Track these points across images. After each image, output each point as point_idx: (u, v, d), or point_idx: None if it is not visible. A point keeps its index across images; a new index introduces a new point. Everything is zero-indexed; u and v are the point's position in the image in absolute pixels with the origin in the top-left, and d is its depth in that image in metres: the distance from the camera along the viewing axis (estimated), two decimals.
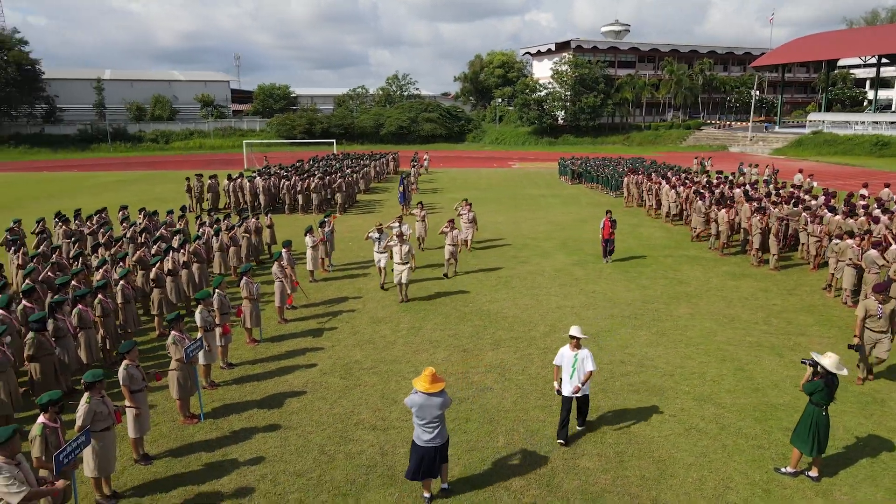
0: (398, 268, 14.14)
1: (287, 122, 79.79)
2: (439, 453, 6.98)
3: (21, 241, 15.45)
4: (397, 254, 14.09)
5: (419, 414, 6.79)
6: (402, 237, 14.22)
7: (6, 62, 69.60)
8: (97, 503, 7.17)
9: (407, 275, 14.17)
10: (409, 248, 14.15)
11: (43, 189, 38.12)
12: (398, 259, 14.08)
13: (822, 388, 7.26)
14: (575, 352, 8.07)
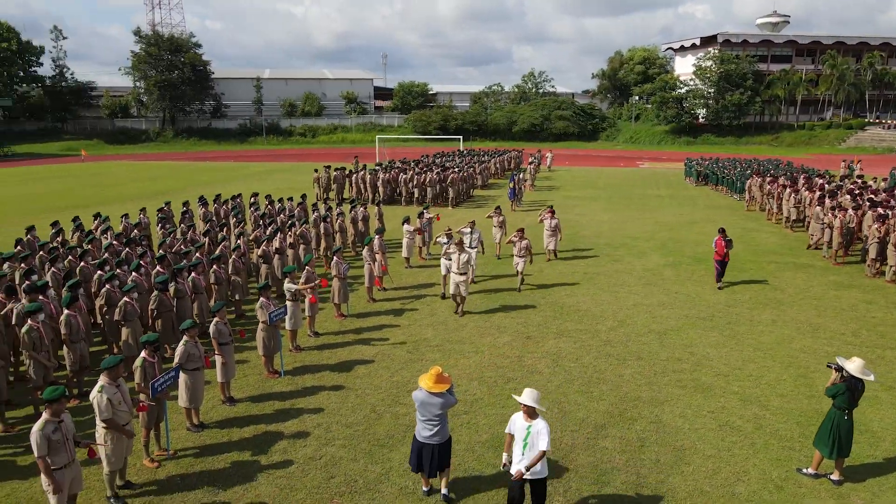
0: (455, 278, 13.26)
1: (423, 119, 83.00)
2: (438, 452, 6.94)
3: (169, 220, 18.24)
4: (455, 262, 13.20)
5: (420, 410, 6.88)
6: (463, 245, 13.48)
7: (182, 63, 78.87)
8: (187, 429, 8.83)
9: (465, 287, 13.36)
10: (468, 257, 13.42)
11: (205, 176, 43.28)
12: (455, 268, 13.21)
13: (843, 392, 7.20)
14: (528, 423, 6.38)
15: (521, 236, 15.20)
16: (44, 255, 13.40)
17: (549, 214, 18.30)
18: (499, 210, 18.63)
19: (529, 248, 15.26)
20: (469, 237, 15.35)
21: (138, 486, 7.52)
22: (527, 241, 15.17)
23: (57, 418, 6.21)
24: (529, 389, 6.43)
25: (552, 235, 18.26)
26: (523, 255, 15.13)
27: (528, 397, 6.34)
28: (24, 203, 31.17)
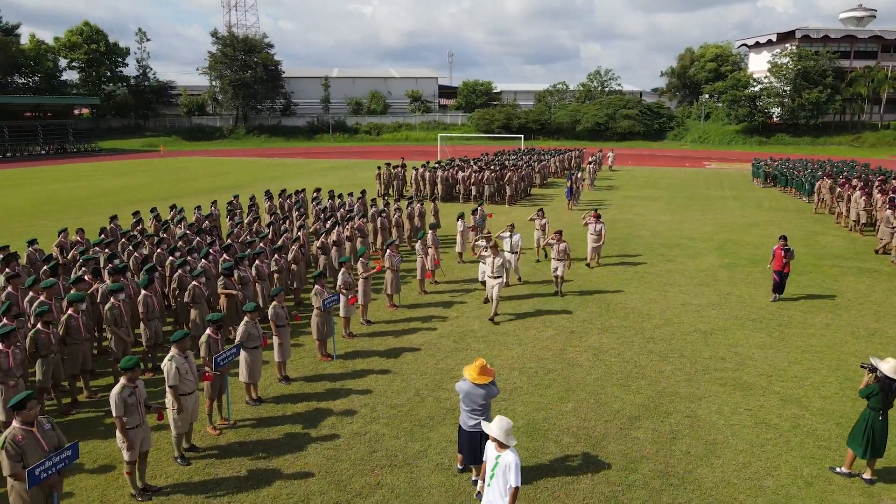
0: (490, 281, 13.02)
1: (486, 117, 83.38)
2: (482, 439, 6.93)
3: (237, 212, 19.40)
4: (489, 265, 13.00)
5: (464, 400, 7.12)
6: (497, 248, 13.18)
7: (255, 63, 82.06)
8: (246, 402, 9.61)
9: (497, 290, 12.96)
10: (503, 261, 13.09)
11: (273, 172, 45.11)
12: (489, 272, 12.99)
13: (877, 393, 7.21)
14: (498, 453, 5.78)
15: (560, 238, 14.77)
16: (125, 241, 14.62)
17: (594, 219, 17.51)
18: (541, 213, 18.14)
19: (568, 252, 14.75)
20: (509, 240, 15.20)
21: (202, 450, 8.31)
22: (565, 244, 14.70)
23: (132, 384, 7.01)
24: (500, 418, 5.85)
25: (596, 241, 17.46)
26: (562, 258, 14.65)
27: (495, 428, 5.75)
28: (109, 195, 33.48)
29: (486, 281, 13.21)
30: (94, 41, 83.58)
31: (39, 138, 72.29)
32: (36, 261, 13.32)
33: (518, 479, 5.64)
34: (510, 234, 15.21)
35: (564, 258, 14.66)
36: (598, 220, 17.49)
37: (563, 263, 14.69)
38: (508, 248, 15.08)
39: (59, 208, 28.83)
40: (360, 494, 7.32)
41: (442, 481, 7.53)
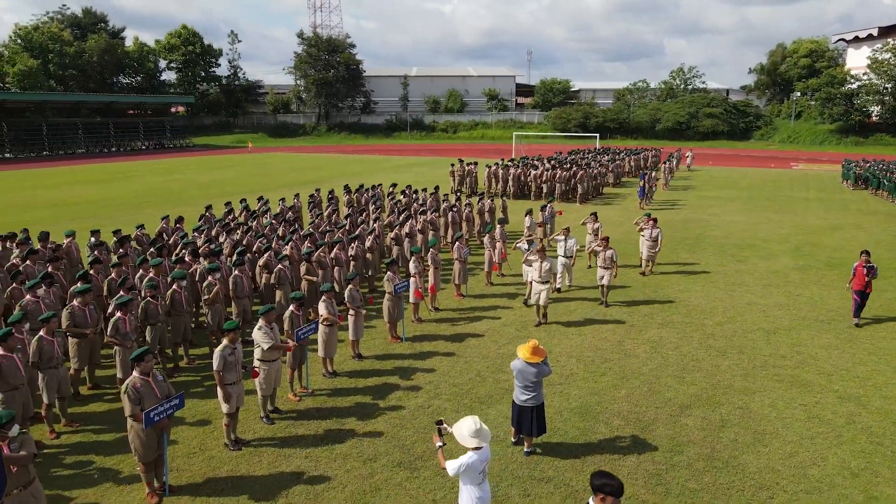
0: (536, 287, 12.69)
1: (563, 116, 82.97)
2: (535, 414, 7.81)
3: (318, 205, 20.69)
4: (536, 271, 12.60)
5: (518, 377, 7.72)
6: (544, 252, 12.76)
7: (338, 63, 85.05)
8: (322, 375, 10.59)
9: (545, 296, 12.64)
10: (550, 265, 12.64)
11: (352, 167, 46.91)
12: (536, 277, 12.61)
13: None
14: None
15: (606, 245, 14.02)
16: (219, 228, 16.06)
17: (651, 223, 16.62)
18: (594, 216, 17.36)
19: (615, 260, 13.98)
20: (563, 244, 14.94)
21: (284, 413, 9.32)
22: (612, 252, 13.95)
23: (233, 345, 8.06)
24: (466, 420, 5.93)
25: (652, 248, 16.57)
26: (608, 266, 13.90)
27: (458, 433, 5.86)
28: (202, 188, 35.99)
29: (533, 285, 12.87)
30: (190, 43, 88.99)
31: (140, 134, 77.77)
32: (144, 243, 14.90)
33: (451, 470, 5.80)
34: (565, 239, 14.96)
35: (611, 266, 13.92)
36: (654, 225, 16.64)
37: (609, 272, 13.95)
38: (562, 252, 14.93)
39: (159, 199, 31.32)
40: (421, 457, 8.09)
41: (496, 451, 8.19)
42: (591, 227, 17.09)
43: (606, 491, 4.51)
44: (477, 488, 5.85)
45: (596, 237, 16.63)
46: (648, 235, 16.52)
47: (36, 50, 76.11)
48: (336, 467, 7.88)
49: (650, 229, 16.54)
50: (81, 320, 9.67)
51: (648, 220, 16.76)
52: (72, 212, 27.25)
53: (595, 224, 17.10)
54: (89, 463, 8.05)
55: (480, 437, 5.78)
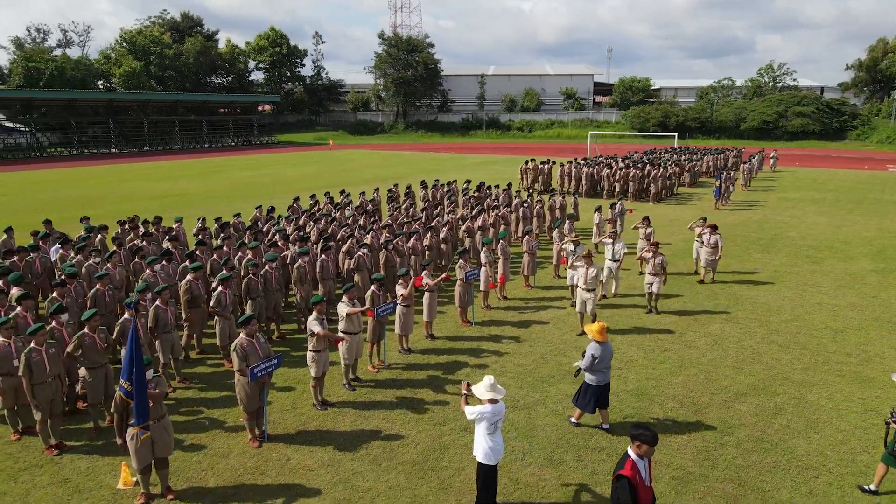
0: (583, 294, 12.16)
1: (642, 115, 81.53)
2: (607, 391, 8.70)
3: (395, 198, 21.88)
4: (582, 277, 12.13)
5: (601, 358, 8.39)
6: (591, 258, 12.36)
7: (416, 62, 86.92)
8: (398, 351, 11.60)
9: (592, 305, 12.16)
10: (597, 271, 12.18)
11: (429, 164, 48.22)
12: (583, 284, 12.11)
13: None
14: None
15: (656, 252, 13.49)
16: (306, 217, 17.44)
17: (709, 229, 15.82)
18: (646, 221, 16.54)
19: (665, 266, 13.48)
20: (611, 248, 14.61)
21: (363, 382, 10.38)
22: (662, 258, 13.45)
23: (321, 316, 9.16)
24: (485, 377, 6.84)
25: (712, 254, 15.73)
26: (657, 272, 13.37)
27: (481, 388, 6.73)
28: (288, 182, 38.16)
29: (578, 292, 12.38)
30: (277, 44, 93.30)
31: (230, 131, 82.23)
32: (240, 229, 16.44)
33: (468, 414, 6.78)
34: (613, 242, 14.60)
35: (660, 273, 13.38)
36: (713, 231, 15.79)
37: (658, 279, 13.39)
38: (609, 255, 14.64)
39: (250, 192, 33.56)
40: None
41: (553, 422, 8.92)
42: (643, 231, 16.43)
43: (642, 439, 5.21)
44: (489, 437, 6.73)
45: (648, 242, 15.58)
46: (707, 241, 15.78)
47: (139, 52, 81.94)
48: (409, 428, 8.84)
49: (708, 235, 15.79)
50: (196, 292, 11.08)
51: (705, 224, 16.15)
52: (174, 202, 29.70)
53: (647, 229, 16.34)
54: (199, 413, 9.36)
55: (495, 391, 6.73)
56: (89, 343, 8.52)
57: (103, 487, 7.46)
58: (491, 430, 6.77)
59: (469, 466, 7.73)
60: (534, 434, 8.65)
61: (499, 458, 6.90)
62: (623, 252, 14.78)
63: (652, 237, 15.95)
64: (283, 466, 7.93)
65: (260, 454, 8.20)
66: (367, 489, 7.44)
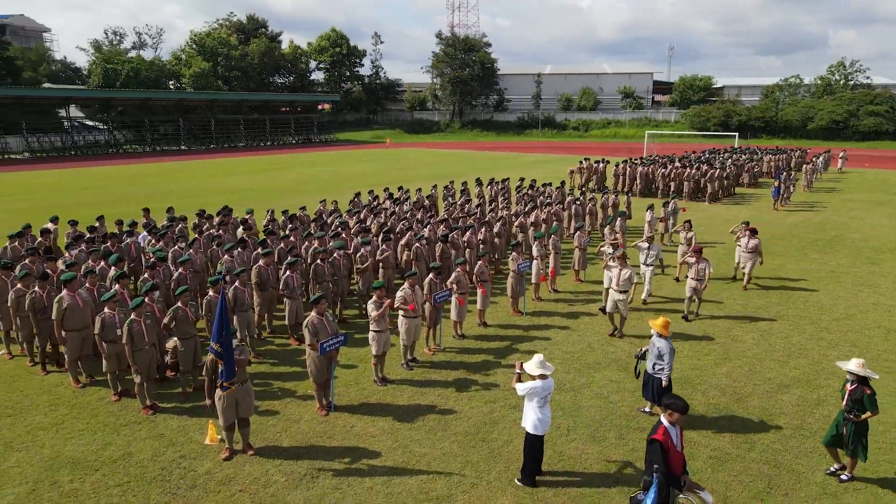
0: (615, 295, 12.05)
1: (702, 114, 79.91)
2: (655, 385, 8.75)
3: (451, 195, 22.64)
4: (615, 278, 12.07)
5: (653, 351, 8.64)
6: (625, 259, 12.31)
7: (473, 62, 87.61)
8: (453, 336, 12.31)
9: (624, 307, 12.08)
10: (630, 273, 12.09)
11: (484, 163, 48.88)
12: (615, 286, 12.03)
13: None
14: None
15: (699, 257, 13.13)
16: (366, 211, 18.38)
17: (748, 233, 15.30)
18: (688, 225, 16.15)
19: (708, 272, 13.08)
20: (645, 253, 14.44)
21: (419, 362, 11.15)
22: (705, 264, 13.08)
23: (380, 300, 9.96)
24: (535, 356, 7.51)
25: (749, 258, 15.24)
26: (699, 278, 13.06)
27: (533, 366, 7.38)
28: (348, 179, 39.51)
29: (610, 293, 12.26)
30: (337, 45, 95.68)
31: (291, 130, 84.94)
32: (305, 221, 17.50)
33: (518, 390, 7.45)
34: (648, 246, 14.46)
35: (703, 279, 13.04)
36: (752, 235, 15.22)
37: (700, 285, 13.12)
38: (643, 259, 14.48)
39: (312, 187, 35.00)
40: None
41: (598, 404, 9.46)
42: (685, 236, 15.98)
43: (673, 408, 5.75)
44: (539, 410, 7.35)
45: (689, 247, 15.35)
46: (745, 246, 15.21)
47: (207, 54, 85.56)
48: (462, 404, 9.55)
49: (747, 239, 15.20)
50: (265, 276, 12.10)
51: (746, 228, 15.56)
52: (241, 196, 31.33)
53: (689, 233, 15.94)
54: (272, 384, 10.31)
55: (544, 368, 7.36)
56: (182, 316, 9.58)
57: (193, 442, 8.46)
58: (541, 403, 7.38)
59: (517, 439, 8.37)
60: (579, 413, 9.22)
61: (545, 430, 7.52)
62: (658, 257, 14.55)
63: (693, 241, 15.55)
64: (347, 432, 8.76)
65: (327, 421, 9.06)
66: (423, 454, 8.19)
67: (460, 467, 7.90)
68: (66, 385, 10.19)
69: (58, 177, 42.74)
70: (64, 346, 10.09)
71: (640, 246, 14.70)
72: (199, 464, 7.98)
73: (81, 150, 65.26)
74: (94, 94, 69.94)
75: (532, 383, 7.34)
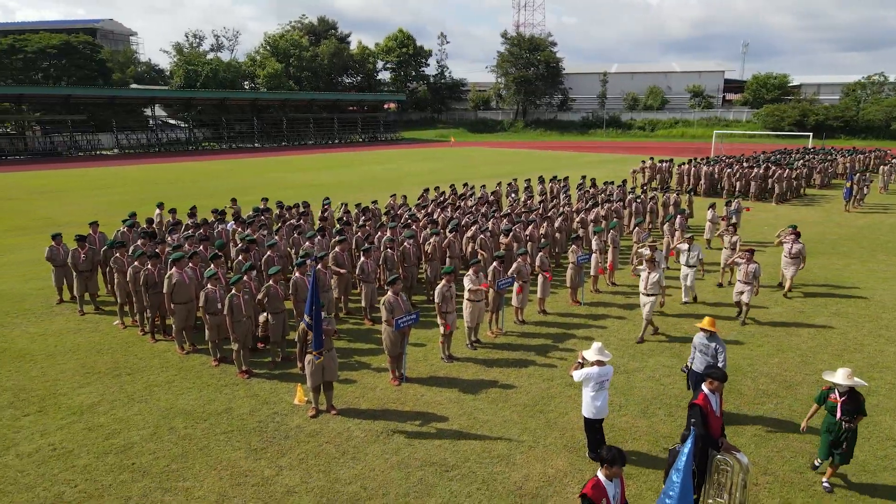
0: (643, 298, 12.11)
1: (776, 114, 77.52)
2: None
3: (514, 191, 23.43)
4: (643, 281, 12.06)
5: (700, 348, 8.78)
6: (654, 262, 12.18)
7: (538, 61, 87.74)
8: (514, 322, 13.15)
9: (649, 309, 12.03)
10: (659, 276, 12.05)
11: (546, 163, 49.34)
12: (643, 288, 12.04)
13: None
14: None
15: (750, 258, 12.77)
16: (434, 205, 19.42)
17: (794, 237, 14.78)
18: (733, 228, 16.02)
19: (757, 275, 12.80)
20: (686, 254, 14.17)
21: (483, 343, 12.05)
22: (755, 266, 12.75)
23: (449, 284, 10.92)
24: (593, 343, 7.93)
25: (792, 263, 14.67)
26: (749, 281, 12.70)
27: (591, 353, 7.79)
28: (412, 176, 40.86)
29: (641, 297, 12.24)
30: (404, 45, 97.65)
31: (358, 128, 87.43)
32: (376, 214, 18.70)
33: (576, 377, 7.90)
34: (689, 248, 14.13)
35: (752, 282, 12.72)
36: (795, 239, 14.73)
37: (749, 288, 12.74)
38: (684, 261, 14.22)
39: (381, 183, 36.46)
40: None
41: (649, 385, 10.12)
42: (729, 239, 15.71)
43: (714, 377, 6.44)
44: (596, 395, 7.77)
45: (733, 251, 15.23)
46: (788, 251, 14.70)
47: (280, 55, 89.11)
48: (522, 381, 10.39)
49: (790, 244, 14.68)
50: (341, 261, 13.28)
51: (791, 232, 15.00)
52: (312, 191, 33.02)
53: (733, 237, 15.70)
54: (350, 358, 11.42)
55: (601, 355, 7.73)
56: (273, 293, 10.81)
57: (283, 402, 9.64)
58: (596, 388, 7.84)
59: (573, 411, 9.16)
60: (631, 393, 9.91)
61: (601, 415, 7.95)
62: (700, 259, 14.21)
63: (738, 246, 15.30)
64: (418, 400, 9.76)
65: (399, 390, 10.09)
66: (486, 420, 9.09)
67: (519, 433, 8.75)
68: (173, 352, 11.62)
69: (145, 171, 45.92)
70: (172, 318, 11.50)
71: (680, 247, 14.51)
72: (290, 420, 9.14)
73: (164, 146, 69.40)
74: (177, 94, 74.19)
75: (588, 370, 7.79)
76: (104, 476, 7.75)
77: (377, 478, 7.71)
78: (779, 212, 26.60)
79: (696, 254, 14.11)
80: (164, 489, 7.48)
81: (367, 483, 7.60)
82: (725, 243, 15.72)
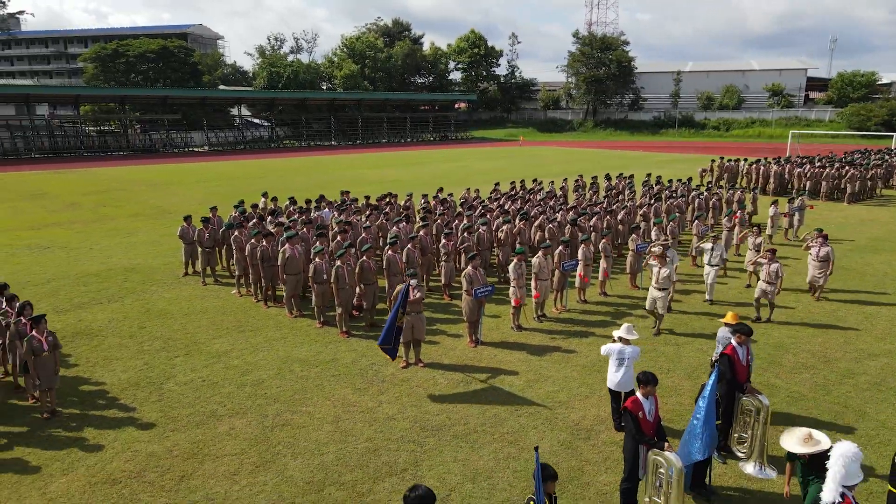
0: (654, 292, 12.40)
1: (862, 113, 74.70)
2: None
3: (582, 188, 24.75)
4: (655, 276, 12.36)
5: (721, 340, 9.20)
6: (665, 257, 12.51)
7: (609, 61, 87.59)
8: (577, 301, 14.62)
9: (662, 304, 12.39)
10: (670, 272, 12.38)
11: (614, 162, 49.98)
12: (654, 282, 12.37)
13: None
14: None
15: (772, 258, 13.02)
16: (505, 198, 21.06)
17: (821, 241, 14.60)
18: (757, 230, 16.19)
19: (780, 275, 13.02)
20: (709, 253, 14.34)
21: (548, 318, 13.61)
22: (777, 266, 12.95)
23: (521, 263, 12.53)
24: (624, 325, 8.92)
25: (820, 268, 14.49)
26: (772, 281, 12.95)
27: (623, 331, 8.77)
28: (482, 174, 42.54)
29: (651, 290, 12.54)
30: (476, 46, 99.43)
31: (430, 127, 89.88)
32: (453, 205, 20.51)
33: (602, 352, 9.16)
34: (712, 247, 14.27)
35: (775, 282, 12.95)
36: (823, 242, 14.55)
37: (772, 287, 12.98)
38: (707, 259, 14.43)
39: (452, 180, 38.28)
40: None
41: (696, 355, 11.45)
42: (752, 241, 15.85)
43: (741, 331, 7.81)
44: (616, 368, 8.73)
45: (757, 252, 15.33)
46: (815, 255, 14.49)
47: (357, 56, 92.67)
48: (583, 347, 11.92)
49: (818, 247, 14.50)
50: (424, 244, 15.11)
51: (818, 235, 14.74)
52: (388, 187, 35.07)
53: (757, 239, 15.80)
54: (433, 325, 13.18)
55: (627, 333, 8.77)
56: (366, 267, 12.75)
57: (379, 356, 11.51)
58: (617, 362, 8.70)
59: None
60: (679, 360, 11.31)
61: (622, 389, 8.72)
62: (724, 258, 14.51)
63: (762, 248, 15.25)
64: (492, 359, 11.44)
65: (476, 351, 11.80)
66: (550, 376, 10.67)
67: (578, 386, 10.30)
68: (283, 315, 13.75)
69: (233, 167, 49.56)
70: (284, 286, 13.62)
71: (703, 246, 14.69)
72: (385, 369, 11.00)
73: (248, 144, 73.86)
74: (261, 94, 78.75)
75: (610, 345, 8.97)
76: (245, 400, 9.83)
77: (459, 412, 9.45)
78: (848, 211, 26.73)
79: (720, 253, 14.36)
80: (291, 411, 9.47)
81: (452, 415, 9.35)
82: (750, 245, 15.96)
